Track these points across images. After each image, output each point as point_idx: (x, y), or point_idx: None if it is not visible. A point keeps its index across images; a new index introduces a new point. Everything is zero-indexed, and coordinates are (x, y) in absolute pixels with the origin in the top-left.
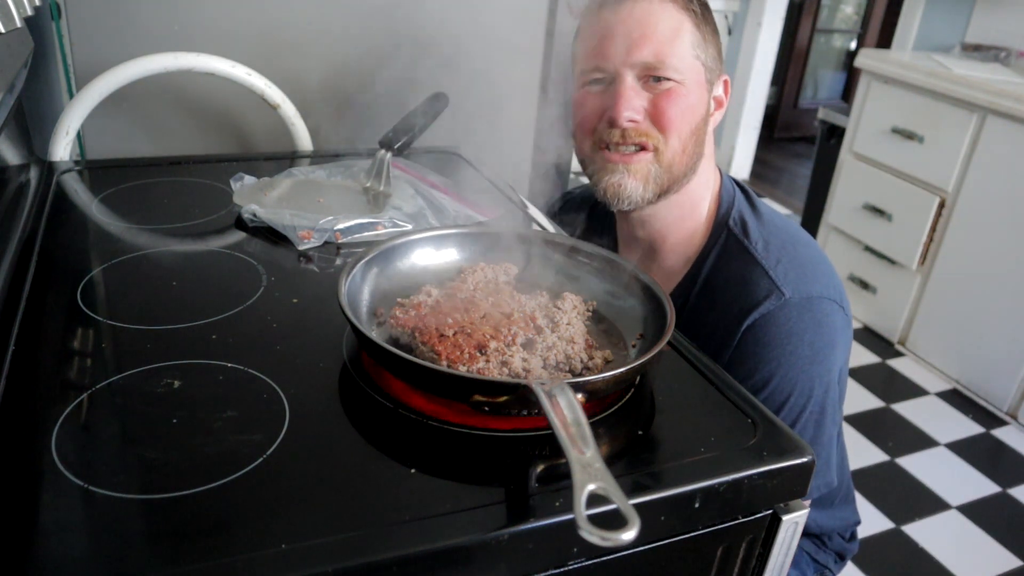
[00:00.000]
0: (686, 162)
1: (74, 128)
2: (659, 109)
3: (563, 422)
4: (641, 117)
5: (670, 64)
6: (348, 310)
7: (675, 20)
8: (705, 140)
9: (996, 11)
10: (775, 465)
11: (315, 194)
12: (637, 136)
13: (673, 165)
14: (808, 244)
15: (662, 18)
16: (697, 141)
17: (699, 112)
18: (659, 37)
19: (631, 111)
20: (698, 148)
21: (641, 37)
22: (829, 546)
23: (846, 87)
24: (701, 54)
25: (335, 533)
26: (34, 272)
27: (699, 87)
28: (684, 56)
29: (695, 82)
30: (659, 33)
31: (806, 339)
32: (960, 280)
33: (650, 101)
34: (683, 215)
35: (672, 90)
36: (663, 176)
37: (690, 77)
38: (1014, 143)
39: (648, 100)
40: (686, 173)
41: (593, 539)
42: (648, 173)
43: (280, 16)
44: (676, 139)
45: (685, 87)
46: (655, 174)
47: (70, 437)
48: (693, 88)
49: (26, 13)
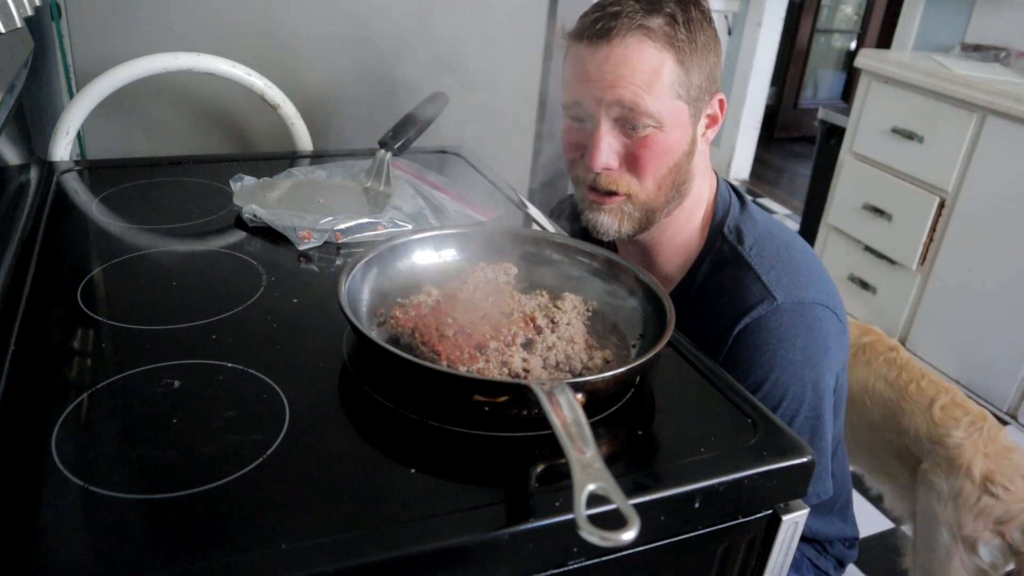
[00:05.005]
0: (664, 196)
1: (74, 128)
2: (634, 156)
3: (563, 422)
4: (616, 163)
5: (646, 109)
6: (348, 310)
7: (655, 61)
8: (689, 168)
9: (996, 11)
10: (775, 465)
11: (315, 194)
12: (608, 184)
13: (649, 203)
14: (803, 250)
15: (641, 61)
16: (677, 175)
17: (678, 151)
18: (637, 81)
19: (605, 159)
20: (678, 179)
21: (617, 80)
22: (830, 552)
23: (846, 87)
24: (683, 91)
25: (335, 533)
26: (34, 272)
27: (679, 127)
28: (663, 98)
29: (675, 123)
30: (637, 77)
31: (798, 344)
32: (960, 280)
33: (626, 147)
34: (676, 231)
35: (649, 136)
36: (638, 213)
37: (670, 119)
38: (1014, 143)
39: (624, 145)
40: (667, 203)
41: (593, 539)
42: (622, 212)
43: (280, 16)
44: (651, 181)
45: (663, 131)
46: (630, 212)
47: (70, 437)
48: (672, 130)
49: (26, 13)
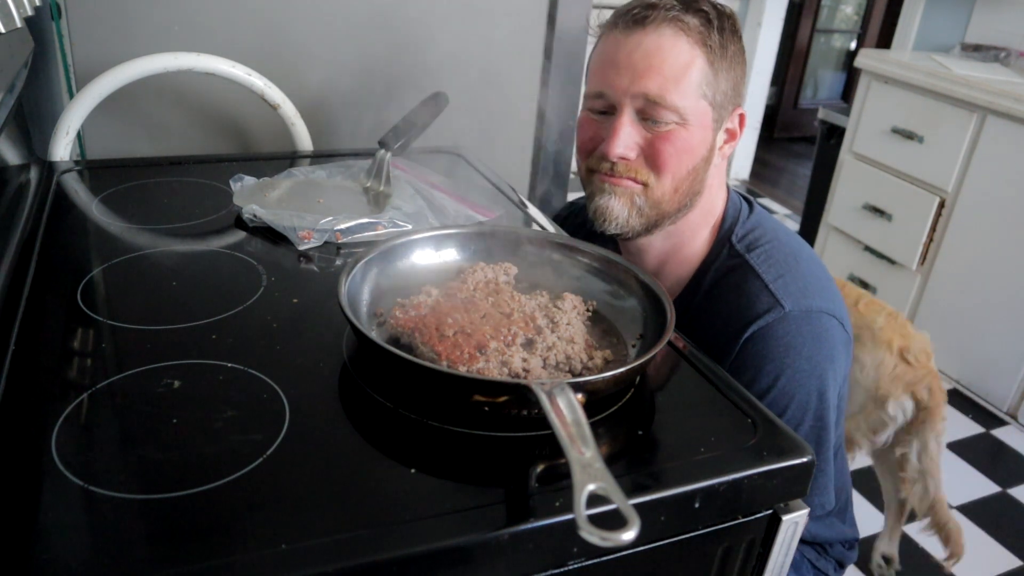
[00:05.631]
0: (678, 201)
1: (74, 128)
2: (655, 149)
3: (563, 422)
4: (635, 155)
5: (672, 103)
6: (348, 310)
7: (686, 56)
8: (705, 177)
9: (996, 11)
10: (775, 465)
11: (315, 194)
12: (627, 171)
13: (662, 203)
14: (811, 260)
15: (672, 52)
16: (694, 180)
17: (699, 153)
18: (666, 72)
19: (623, 148)
20: (695, 187)
21: (647, 69)
22: (830, 553)
23: (846, 87)
24: (709, 92)
25: (335, 533)
26: (34, 272)
27: (702, 129)
28: (689, 95)
29: (698, 124)
30: (667, 68)
31: (804, 352)
32: (960, 280)
33: (647, 140)
34: (682, 242)
35: (672, 132)
36: (649, 209)
37: (694, 118)
38: (1014, 143)
39: (645, 138)
40: (679, 210)
41: (593, 539)
42: (633, 200)
43: (280, 16)
44: (669, 179)
45: (686, 129)
46: (640, 204)
47: (70, 437)
48: (695, 130)
49: (26, 13)
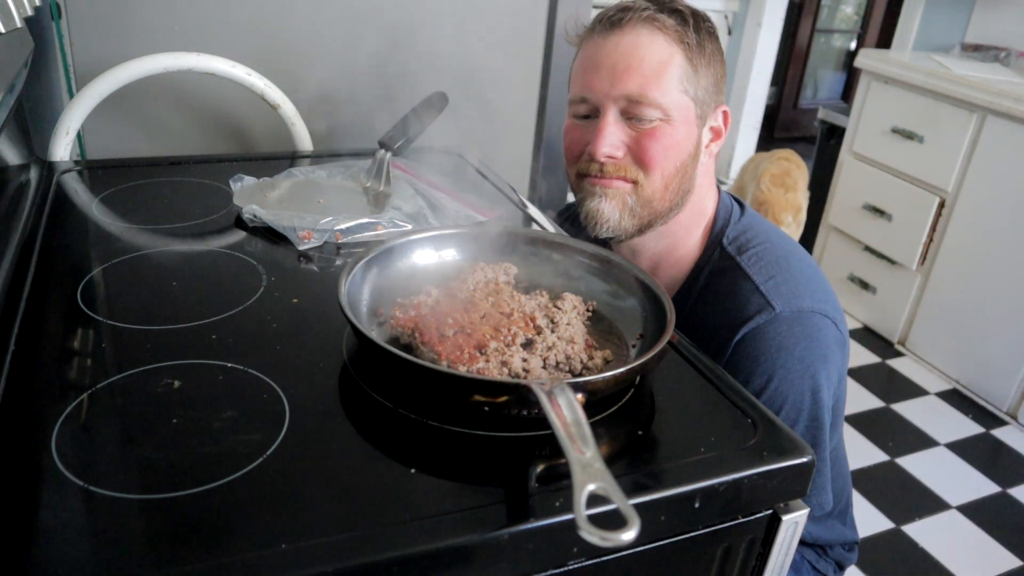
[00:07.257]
0: (669, 199)
1: (74, 128)
2: (641, 146)
3: (563, 422)
4: (621, 153)
5: (654, 99)
6: (348, 310)
7: (664, 53)
8: (694, 175)
9: (996, 11)
10: (775, 465)
11: (315, 194)
12: (616, 171)
13: (653, 201)
14: (803, 260)
15: (650, 51)
16: (683, 178)
17: (685, 149)
18: (645, 70)
19: (609, 147)
20: (684, 184)
21: (627, 69)
22: (830, 555)
23: (846, 87)
24: (691, 88)
25: (335, 533)
26: (34, 272)
27: (687, 124)
28: (670, 91)
29: (682, 120)
30: (645, 66)
31: (796, 352)
32: (960, 280)
33: (632, 138)
34: (675, 243)
35: (656, 128)
36: (641, 209)
37: (677, 114)
38: (1014, 143)
39: (631, 137)
40: (670, 208)
41: (593, 539)
42: (625, 201)
43: (280, 16)
44: (658, 176)
45: (671, 125)
46: (632, 204)
47: (70, 437)
48: (680, 126)
49: (26, 13)
